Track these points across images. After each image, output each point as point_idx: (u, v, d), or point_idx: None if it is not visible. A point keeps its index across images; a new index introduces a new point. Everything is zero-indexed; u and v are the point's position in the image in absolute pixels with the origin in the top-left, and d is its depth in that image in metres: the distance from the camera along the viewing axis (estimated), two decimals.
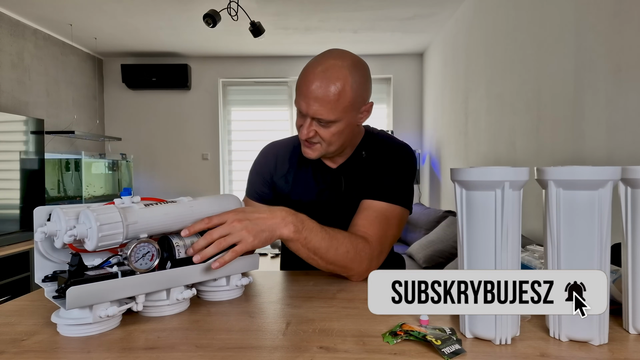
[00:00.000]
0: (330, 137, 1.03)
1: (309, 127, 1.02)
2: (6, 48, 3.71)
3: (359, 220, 1.03)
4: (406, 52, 5.18)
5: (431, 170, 4.84)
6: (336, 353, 0.60)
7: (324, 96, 0.97)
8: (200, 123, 5.31)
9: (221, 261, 0.78)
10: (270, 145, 1.27)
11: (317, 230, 0.91)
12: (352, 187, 1.13)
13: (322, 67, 0.99)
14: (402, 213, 1.07)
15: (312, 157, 1.08)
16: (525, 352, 0.60)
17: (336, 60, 1.00)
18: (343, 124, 1.02)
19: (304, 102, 1.00)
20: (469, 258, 0.65)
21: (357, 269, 0.96)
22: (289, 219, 0.87)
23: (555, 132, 2.19)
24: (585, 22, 1.94)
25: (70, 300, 0.65)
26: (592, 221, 0.61)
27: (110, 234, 0.70)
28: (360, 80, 1.02)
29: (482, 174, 0.61)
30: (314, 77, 0.99)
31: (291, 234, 0.87)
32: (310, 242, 0.89)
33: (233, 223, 0.80)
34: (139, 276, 0.73)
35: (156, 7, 3.70)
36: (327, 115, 0.99)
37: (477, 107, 3.34)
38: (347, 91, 0.98)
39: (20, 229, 3.28)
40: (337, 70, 0.98)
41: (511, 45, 2.72)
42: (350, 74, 0.99)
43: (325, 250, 0.91)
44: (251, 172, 1.25)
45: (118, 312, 0.70)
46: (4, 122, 3.20)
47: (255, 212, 0.85)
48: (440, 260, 2.93)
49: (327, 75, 0.98)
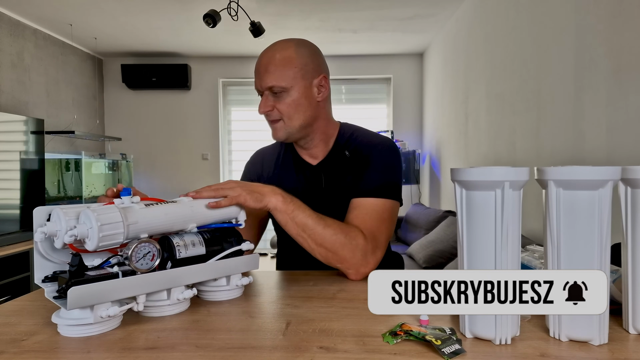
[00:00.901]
0: (287, 108, 1.07)
1: (266, 102, 1.08)
2: (6, 48, 3.71)
3: (351, 219, 1.04)
4: (406, 52, 5.18)
5: (431, 170, 4.84)
6: (336, 353, 0.60)
7: (271, 63, 1.05)
8: (200, 123, 5.31)
9: (215, 204, 0.85)
10: (258, 152, 1.33)
11: (306, 208, 0.96)
12: (333, 184, 1.14)
13: (269, 47, 1.10)
14: (392, 206, 1.08)
15: (278, 137, 1.12)
16: (525, 352, 0.60)
17: (281, 41, 1.10)
18: (296, 93, 1.07)
19: (257, 78, 1.08)
20: (469, 258, 0.65)
21: (351, 260, 0.96)
22: (278, 191, 0.95)
23: (555, 132, 2.19)
24: (585, 22, 1.94)
25: (72, 301, 0.65)
26: (592, 221, 0.61)
27: (111, 234, 0.70)
28: (306, 51, 1.09)
29: (482, 174, 0.61)
30: (263, 55, 1.09)
31: (279, 204, 0.93)
32: (298, 216, 0.94)
33: (231, 183, 0.91)
34: (140, 276, 0.73)
35: (156, 7, 3.70)
36: (276, 80, 1.05)
37: (477, 107, 3.34)
38: (292, 57, 1.06)
39: (20, 229, 3.28)
40: (282, 44, 1.09)
41: (511, 45, 2.72)
42: (295, 46, 1.08)
43: (313, 227, 0.94)
44: (243, 176, 1.31)
45: (119, 312, 0.70)
46: (4, 122, 3.20)
47: (251, 184, 0.94)
48: (440, 260, 2.93)
49: (273, 49, 1.08)
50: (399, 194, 1.12)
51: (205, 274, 0.81)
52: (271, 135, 1.13)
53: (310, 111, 1.10)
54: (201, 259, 0.82)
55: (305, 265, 1.12)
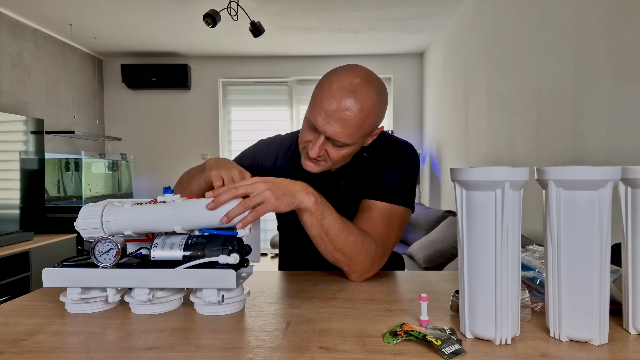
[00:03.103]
0: (339, 158, 0.99)
1: (321, 147, 0.96)
2: (6, 48, 3.71)
3: (362, 220, 1.01)
4: (406, 52, 5.18)
5: (431, 170, 4.84)
6: (336, 353, 0.60)
7: (349, 120, 0.91)
8: (200, 123, 5.31)
9: (244, 222, 0.77)
10: (272, 141, 1.24)
11: (332, 211, 0.90)
12: (352, 188, 1.11)
13: (349, 86, 0.91)
14: (404, 213, 1.05)
15: (313, 171, 1.03)
16: (525, 352, 0.60)
17: (363, 82, 0.92)
18: (355, 148, 0.99)
19: (322, 120, 0.92)
20: (469, 258, 0.65)
21: (360, 265, 0.95)
22: (310, 189, 0.87)
23: (555, 132, 2.19)
24: (585, 22, 1.94)
25: (45, 279, 0.77)
26: (592, 221, 0.61)
27: (90, 228, 0.80)
28: (383, 107, 0.97)
29: (482, 174, 0.61)
30: (340, 94, 0.90)
31: (311, 204, 0.86)
32: (326, 219, 0.88)
33: (257, 184, 0.81)
34: (102, 270, 0.77)
35: (156, 7, 3.70)
36: (345, 139, 0.93)
37: (477, 107, 3.34)
38: (370, 118, 0.93)
39: (20, 229, 3.28)
40: (365, 95, 0.91)
41: (511, 45, 2.72)
42: (377, 100, 0.93)
43: (337, 232, 0.90)
44: (247, 150, 1.25)
45: (90, 297, 0.77)
46: (4, 122, 3.20)
47: (279, 181, 0.84)
48: (441, 260, 2.93)
49: (355, 98, 0.90)
50: (412, 202, 1.08)
51: (169, 281, 0.75)
52: (303, 165, 1.03)
53: (352, 155, 1.04)
54: (178, 263, 0.76)
55: (310, 264, 1.11)
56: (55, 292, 0.92)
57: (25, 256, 3.09)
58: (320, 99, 0.92)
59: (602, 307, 0.61)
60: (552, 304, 0.64)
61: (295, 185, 0.86)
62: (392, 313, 0.76)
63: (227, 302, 0.76)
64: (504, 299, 0.62)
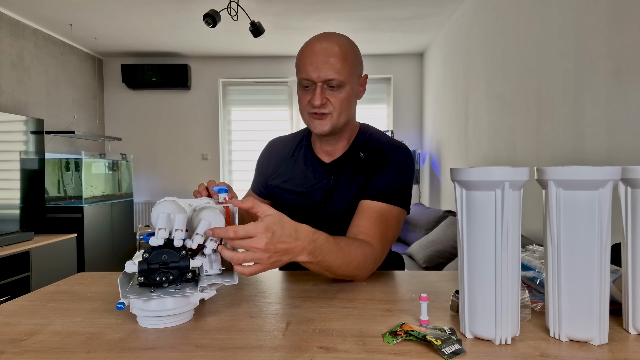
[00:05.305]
0: (339, 104, 1.06)
1: (321, 94, 1.04)
2: (6, 48, 3.71)
3: (360, 221, 1.03)
4: (406, 52, 5.18)
5: (431, 170, 4.84)
6: (336, 353, 0.60)
7: (332, 55, 1.02)
8: (200, 123, 5.31)
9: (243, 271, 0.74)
10: (272, 142, 1.32)
11: (333, 251, 0.87)
12: (340, 185, 1.13)
13: (322, 37, 1.06)
14: (400, 214, 1.08)
15: (324, 129, 1.08)
16: (525, 352, 0.60)
17: (332, 33, 1.09)
18: (349, 89, 1.06)
19: (313, 68, 1.02)
20: (469, 258, 0.65)
21: (363, 277, 0.98)
22: (308, 248, 0.82)
23: (555, 132, 2.19)
24: (585, 22, 1.94)
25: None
26: (592, 221, 0.61)
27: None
28: (357, 50, 1.09)
29: (482, 174, 0.61)
30: (319, 45, 1.04)
31: (306, 259, 0.82)
32: (325, 263, 0.87)
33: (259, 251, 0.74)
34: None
35: (156, 7, 3.70)
36: (337, 74, 1.02)
37: (477, 107, 3.34)
38: (349, 52, 1.05)
39: (20, 228, 3.29)
40: (337, 37, 1.06)
41: (511, 45, 2.72)
42: (349, 41, 1.08)
43: (337, 267, 0.90)
44: (256, 168, 1.32)
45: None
46: (4, 122, 3.20)
47: (282, 237, 0.76)
48: (441, 260, 2.93)
49: (329, 39, 1.05)
50: (408, 203, 1.11)
51: None
52: (314, 128, 1.08)
53: (353, 109, 1.12)
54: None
55: None
56: (56, 292, 0.92)
57: (25, 256, 3.09)
58: (303, 57, 1.05)
59: (602, 307, 0.61)
60: (552, 304, 0.64)
61: (295, 246, 0.78)
62: (392, 313, 0.76)
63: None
64: (504, 299, 0.62)
